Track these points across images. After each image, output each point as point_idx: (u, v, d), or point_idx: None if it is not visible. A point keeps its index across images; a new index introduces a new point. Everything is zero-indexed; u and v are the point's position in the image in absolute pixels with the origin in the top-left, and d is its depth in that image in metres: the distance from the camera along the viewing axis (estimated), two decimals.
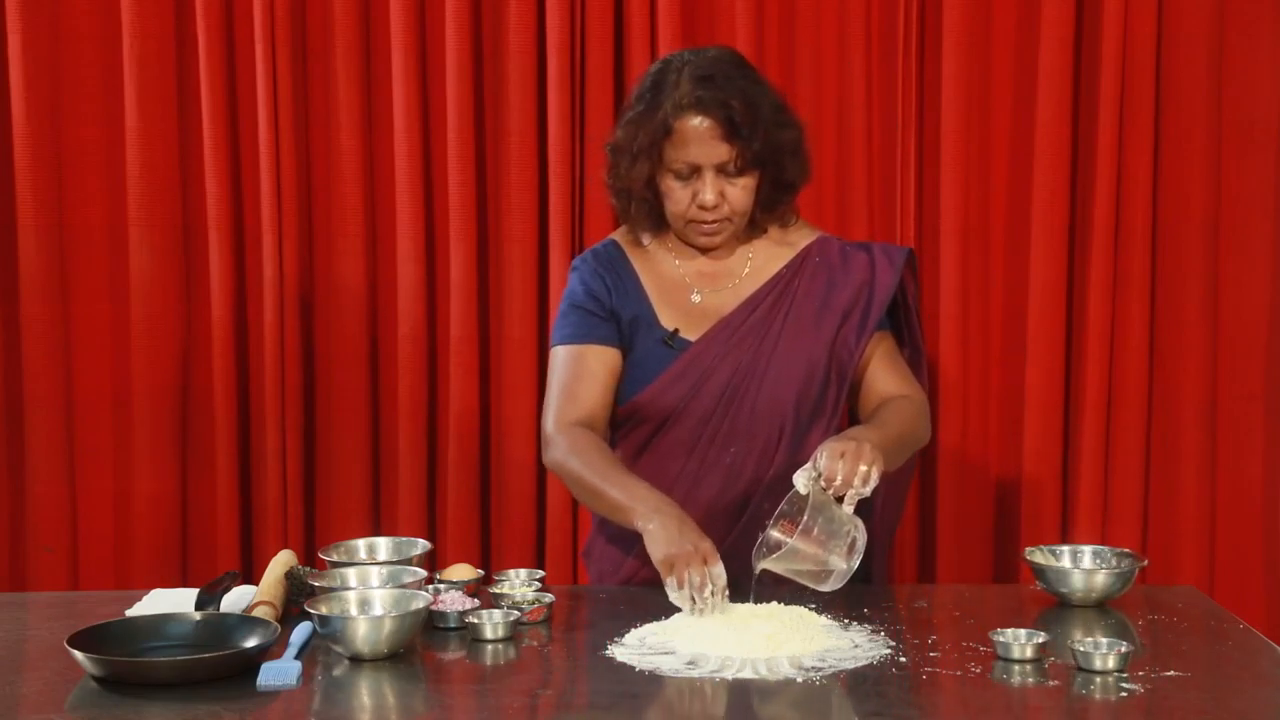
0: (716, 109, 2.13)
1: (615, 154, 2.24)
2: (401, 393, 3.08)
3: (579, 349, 2.24)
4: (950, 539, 3.03)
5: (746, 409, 2.20)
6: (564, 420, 2.18)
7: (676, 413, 2.22)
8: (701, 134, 2.14)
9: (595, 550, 2.35)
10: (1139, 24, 2.93)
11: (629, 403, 2.24)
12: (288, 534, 3.09)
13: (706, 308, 2.26)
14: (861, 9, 3.01)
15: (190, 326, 3.14)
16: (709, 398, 2.21)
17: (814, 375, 2.22)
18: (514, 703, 1.68)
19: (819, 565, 1.92)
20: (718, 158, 2.15)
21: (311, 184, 3.11)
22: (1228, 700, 1.68)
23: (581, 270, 2.31)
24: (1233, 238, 3.00)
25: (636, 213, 2.26)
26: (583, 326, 2.25)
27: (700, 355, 2.22)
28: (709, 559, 1.91)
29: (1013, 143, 3.02)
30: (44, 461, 3.10)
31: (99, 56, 3.07)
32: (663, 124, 2.14)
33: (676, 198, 2.19)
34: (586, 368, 2.22)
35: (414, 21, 3.02)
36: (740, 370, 2.21)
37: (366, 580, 2.01)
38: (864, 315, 2.23)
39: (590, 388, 2.21)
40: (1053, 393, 3.00)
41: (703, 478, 2.21)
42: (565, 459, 2.15)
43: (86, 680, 1.73)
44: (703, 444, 2.22)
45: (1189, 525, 3.02)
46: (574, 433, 2.17)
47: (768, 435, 2.21)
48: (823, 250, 2.30)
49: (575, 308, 2.27)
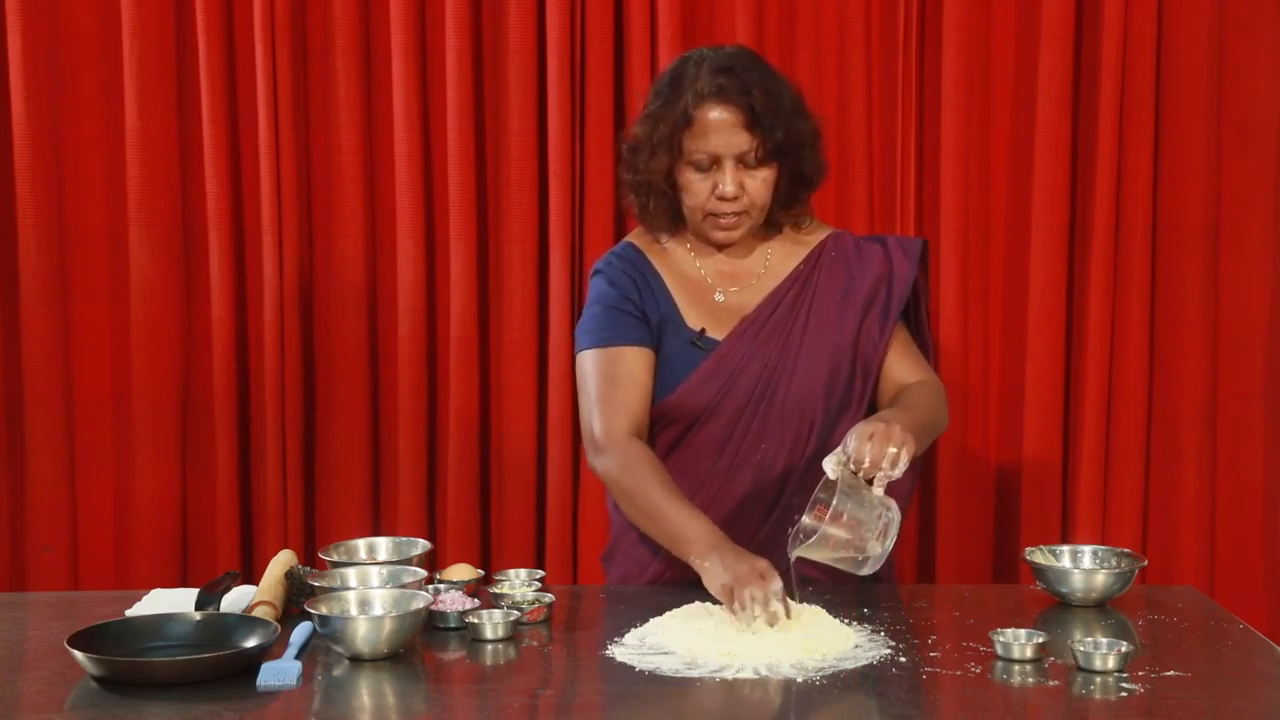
0: (738, 97, 2.12)
1: (634, 149, 2.23)
2: (401, 392, 3.08)
3: (615, 351, 2.21)
4: (950, 539, 3.03)
5: (777, 404, 2.20)
6: (615, 429, 2.15)
7: (708, 411, 2.21)
8: (722, 124, 2.13)
9: (619, 553, 2.33)
10: (1139, 24, 2.93)
11: (659, 404, 2.23)
12: (288, 534, 3.09)
13: (730, 306, 2.26)
14: (861, 9, 3.01)
15: (190, 326, 3.14)
16: (740, 395, 2.21)
17: (840, 367, 2.22)
18: (514, 703, 1.68)
19: (853, 550, 1.90)
20: (738, 148, 2.14)
21: (311, 184, 3.12)
22: (1228, 700, 1.68)
23: (608, 272, 2.28)
24: (1233, 238, 3.00)
25: (655, 208, 2.25)
26: (619, 328, 2.22)
27: (729, 354, 2.22)
28: (766, 576, 1.88)
29: (1013, 143, 3.02)
30: (44, 461, 3.10)
31: (99, 56, 3.07)
32: (683, 114, 2.14)
33: (695, 190, 2.18)
34: (627, 370, 2.20)
35: (414, 21, 3.02)
36: (769, 366, 2.21)
37: (366, 580, 2.01)
38: (885, 307, 2.24)
39: (633, 392, 2.19)
40: (1053, 392, 3.00)
41: (735, 474, 2.21)
42: (621, 476, 2.12)
43: (86, 680, 1.73)
44: (734, 441, 2.21)
45: (1189, 525, 3.02)
46: (630, 448, 2.14)
47: (798, 429, 2.21)
48: (838, 244, 2.30)
49: (609, 309, 2.24)
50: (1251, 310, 3.01)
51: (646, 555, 2.26)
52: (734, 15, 2.98)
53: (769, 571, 1.90)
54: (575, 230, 3.04)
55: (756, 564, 1.91)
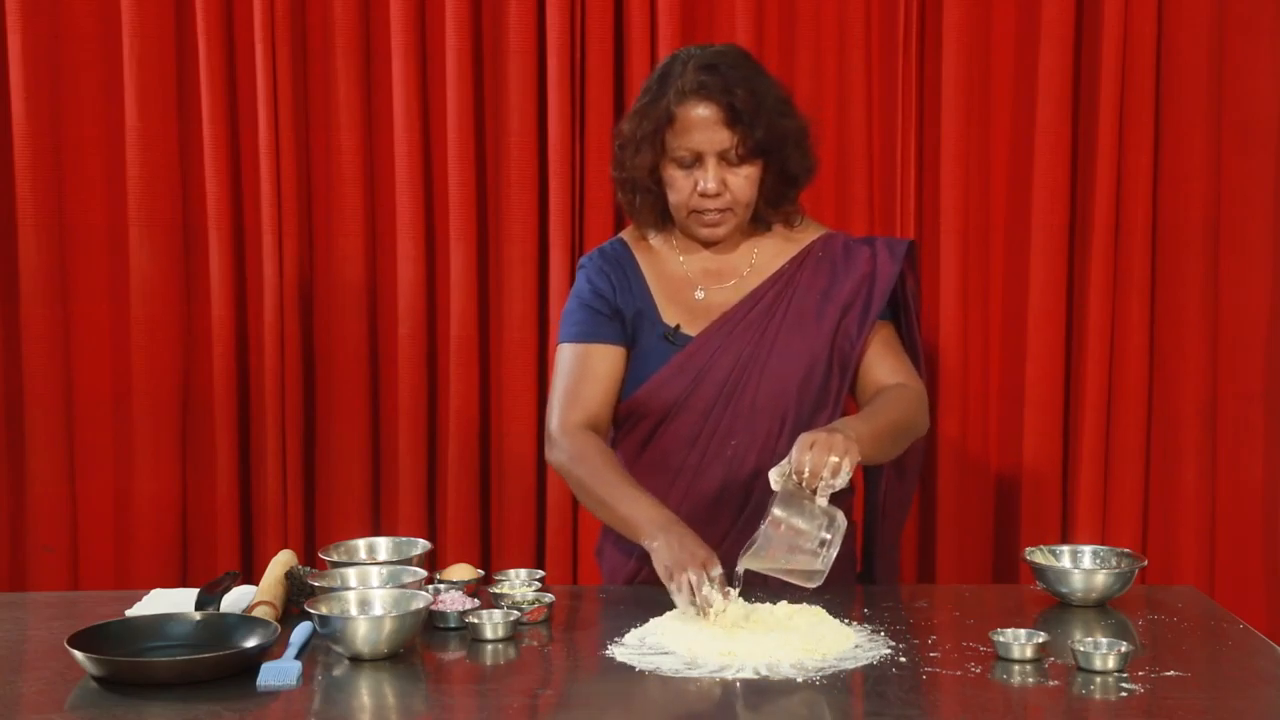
0: (719, 95, 2.13)
1: (621, 145, 2.24)
2: (401, 393, 3.08)
3: (584, 348, 2.24)
4: (950, 539, 3.03)
5: (747, 401, 2.21)
6: (569, 422, 2.19)
7: (677, 407, 2.22)
8: (703, 120, 2.14)
9: (605, 550, 2.36)
10: (1139, 24, 2.93)
11: (630, 398, 2.24)
12: (288, 534, 3.09)
13: (710, 304, 2.26)
14: (861, 9, 3.01)
15: (190, 326, 3.14)
16: (709, 391, 2.21)
17: (815, 366, 2.22)
18: (514, 703, 1.68)
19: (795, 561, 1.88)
20: (719, 144, 2.15)
21: (311, 184, 3.12)
22: (1228, 700, 1.68)
23: (588, 268, 2.31)
24: (1233, 238, 3.00)
25: (641, 205, 2.26)
26: (588, 325, 2.25)
27: (698, 349, 2.22)
28: (707, 564, 1.91)
29: (1013, 143, 3.02)
30: (44, 461, 3.10)
31: (99, 56, 3.07)
32: (666, 111, 2.15)
33: (679, 186, 2.19)
34: (591, 368, 2.23)
35: (414, 21, 3.02)
36: (740, 363, 2.21)
37: (366, 580, 2.01)
38: (865, 306, 2.24)
39: (594, 388, 2.22)
40: (1053, 392, 3.00)
41: (705, 470, 2.22)
42: (571, 465, 2.16)
43: (86, 680, 1.74)
44: (704, 437, 2.22)
45: (1189, 525, 3.02)
46: (579, 437, 2.17)
47: (769, 427, 2.21)
48: (826, 245, 2.30)
49: (582, 306, 2.27)
50: (1251, 310, 3.00)
51: (622, 556, 2.28)
52: (734, 15, 2.98)
53: (710, 559, 1.91)
54: (575, 230, 3.04)
55: (698, 550, 1.93)
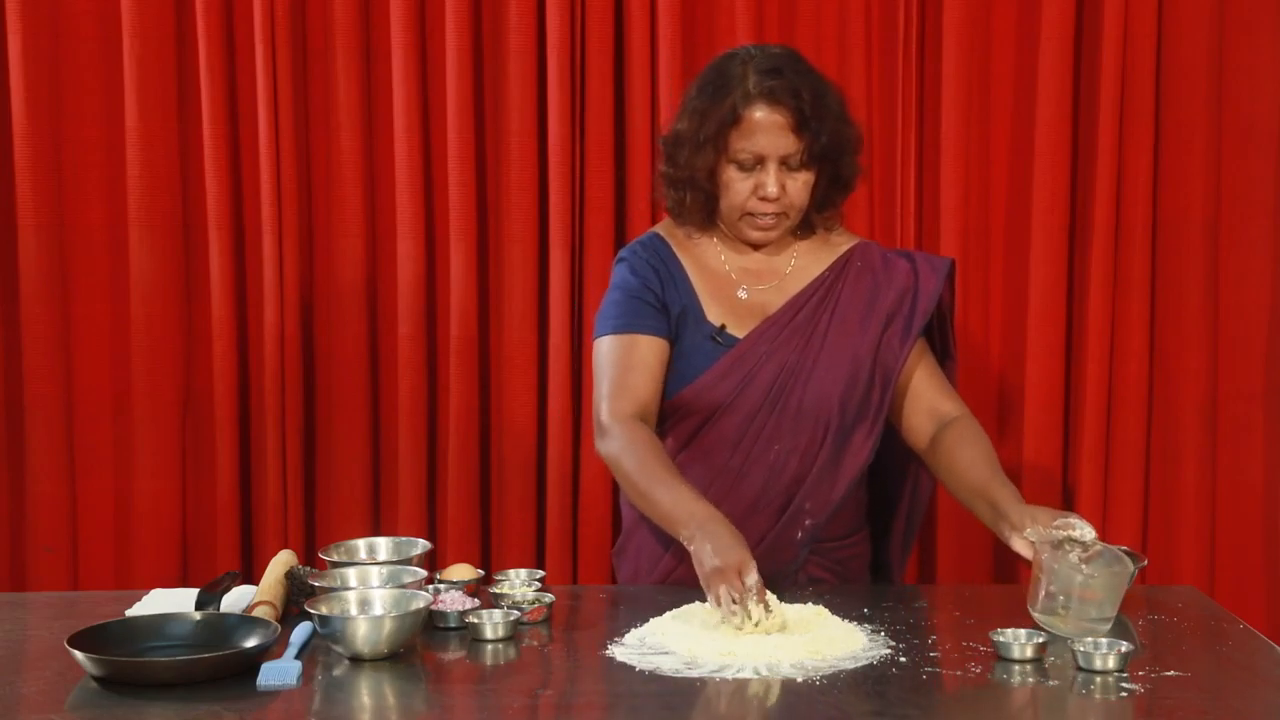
0: (787, 99, 2.14)
1: (675, 144, 2.23)
2: (401, 393, 3.08)
3: (630, 339, 2.22)
4: (950, 539, 3.03)
5: (793, 406, 2.21)
6: (620, 412, 2.16)
7: (723, 408, 2.22)
8: (770, 124, 2.14)
9: (631, 546, 2.34)
10: (1139, 24, 2.92)
11: (675, 396, 2.24)
12: (288, 534, 3.09)
13: (752, 304, 2.26)
14: (861, 9, 3.01)
15: (190, 326, 3.14)
16: (756, 394, 2.21)
17: (859, 376, 2.22)
18: (514, 703, 1.68)
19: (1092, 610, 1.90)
20: (784, 149, 2.15)
21: (311, 184, 3.11)
22: (1228, 700, 1.68)
23: (631, 260, 2.29)
24: (1233, 238, 3.00)
25: (692, 204, 2.26)
26: (636, 315, 2.24)
27: (747, 352, 2.22)
28: (743, 569, 1.88)
29: (1013, 143, 3.02)
30: (44, 461, 3.10)
31: (99, 56, 3.07)
32: (731, 112, 2.15)
33: (737, 189, 2.19)
34: (640, 357, 2.21)
35: (414, 21, 3.02)
36: (787, 368, 2.21)
37: (366, 580, 2.01)
38: (908, 321, 2.24)
39: (643, 378, 2.20)
40: (1053, 393, 3.00)
41: (747, 472, 2.22)
42: (620, 455, 2.13)
43: (86, 680, 1.74)
44: (748, 439, 2.22)
45: (1189, 525, 3.02)
46: (631, 427, 2.14)
47: (812, 433, 2.21)
48: (864, 255, 2.31)
49: (629, 296, 2.25)
50: (1251, 310, 3.00)
51: (658, 550, 2.26)
52: (734, 15, 2.98)
53: (745, 562, 1.89)
54: (575, 230, 3.04)
55: (733, 554, 1.90)
